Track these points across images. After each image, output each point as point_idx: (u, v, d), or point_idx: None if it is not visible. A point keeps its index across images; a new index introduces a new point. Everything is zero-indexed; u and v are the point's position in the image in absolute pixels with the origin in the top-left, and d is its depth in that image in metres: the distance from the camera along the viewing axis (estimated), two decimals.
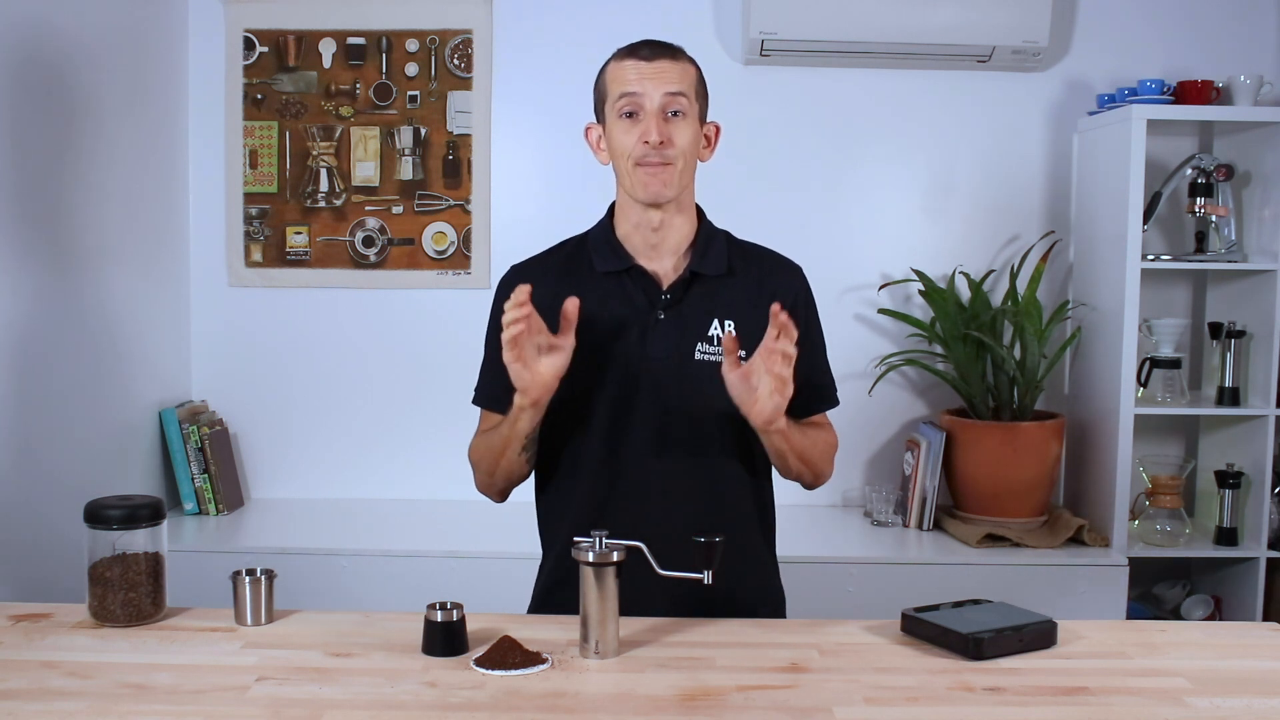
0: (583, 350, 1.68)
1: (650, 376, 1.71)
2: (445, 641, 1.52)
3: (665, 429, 1.71)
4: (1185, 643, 1.63)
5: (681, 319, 1.72)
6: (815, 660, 1.53)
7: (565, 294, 1.69)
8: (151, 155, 3.00)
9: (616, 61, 1.71)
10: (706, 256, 1.75)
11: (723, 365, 1.61)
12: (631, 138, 1.67)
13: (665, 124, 1.66)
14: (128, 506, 1.63)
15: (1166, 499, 3.03)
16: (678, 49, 1.72)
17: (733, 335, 1.65)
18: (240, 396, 3.26)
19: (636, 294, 1.73)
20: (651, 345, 1.71)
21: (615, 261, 1.75)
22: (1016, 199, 3.26)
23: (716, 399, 1.67)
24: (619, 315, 1.72)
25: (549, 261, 1.81)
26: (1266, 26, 3.23)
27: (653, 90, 1.66)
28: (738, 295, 1.74)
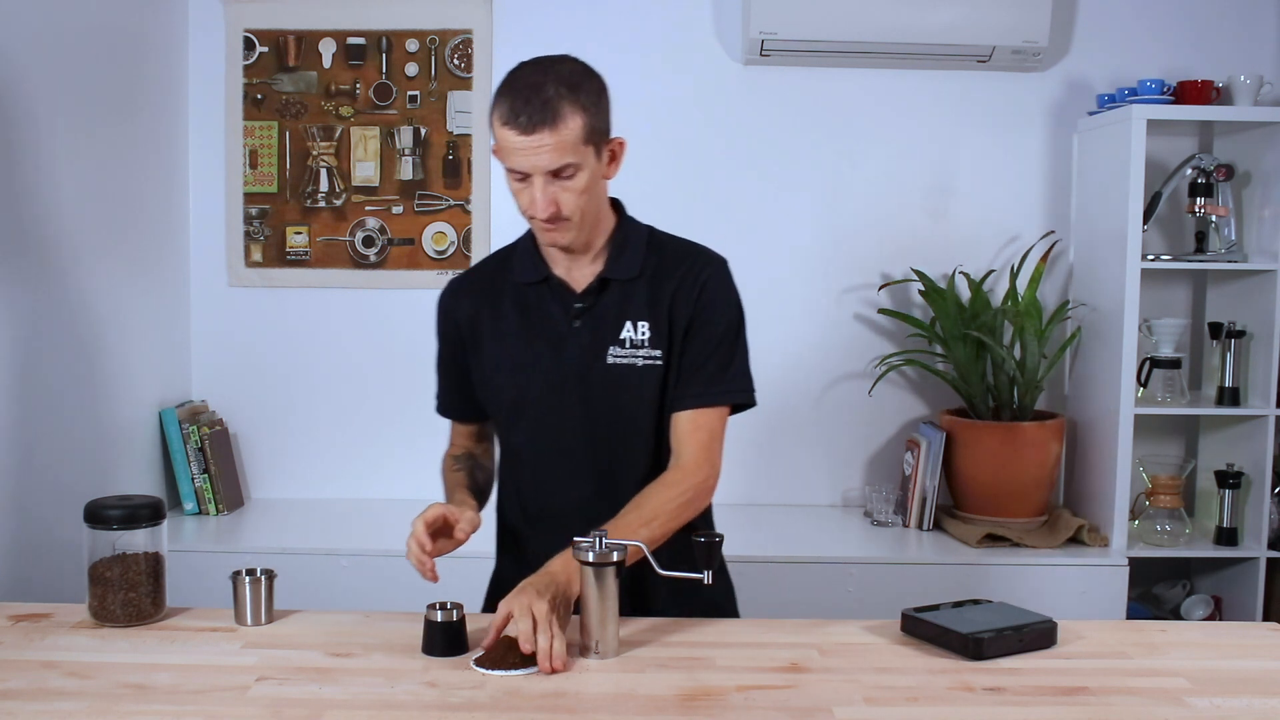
0: (506, 361, 1.76)
1: (566, 382, 1.73)
2: (445, 641, 1.52)
3: (586, 434, 1.74)
4: (1185, 643, 1.63)
5: (595, 324, 1.73)
6: (815, 660, 1.53)
7: (489, 306, 1.78)
8: (151, 155, 3.00)
9: (499, 122, 1.60)
10: (620, 260, 1.75)
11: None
12: (522, 200, 1.65)
13: (552, 186, 1.61)
14: (128, 506, 1.63)
15: (1166, 499, 3.03)
16: (557, 109, 1.57)
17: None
18: (240, 396, 3.26)
19: (553, 303, 1.75)
20: (567, 353, 1.73)
21: (533, 272, 1.76)
22: (1016, 199, 3.26)
23: (630, 401, 1.72)
24: (537, 325, 1.75)
25: (478, 275, 1.85)
26: (1266, 26, 3.23)
27: (535, 165, 1.60)
28: (649, 295, 1.74)
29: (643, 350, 1.72)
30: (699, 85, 3.22)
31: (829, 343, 3.26)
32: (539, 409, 1.75)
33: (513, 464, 1.82)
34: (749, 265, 3.27)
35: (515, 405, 1.76)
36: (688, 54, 3.22)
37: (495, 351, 1.77)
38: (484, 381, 1.80)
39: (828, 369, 3.27)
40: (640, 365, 1.72)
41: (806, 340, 3.25)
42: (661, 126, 3.22)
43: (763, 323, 3.38)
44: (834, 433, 3.29)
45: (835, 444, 3.30)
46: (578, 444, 1.74)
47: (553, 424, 1.75)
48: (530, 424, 1.76)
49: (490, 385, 1.79)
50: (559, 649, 1.46)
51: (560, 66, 1.62)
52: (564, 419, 1.74)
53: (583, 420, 1.73)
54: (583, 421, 1.74)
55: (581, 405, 1.73)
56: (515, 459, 1.81)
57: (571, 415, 1.74)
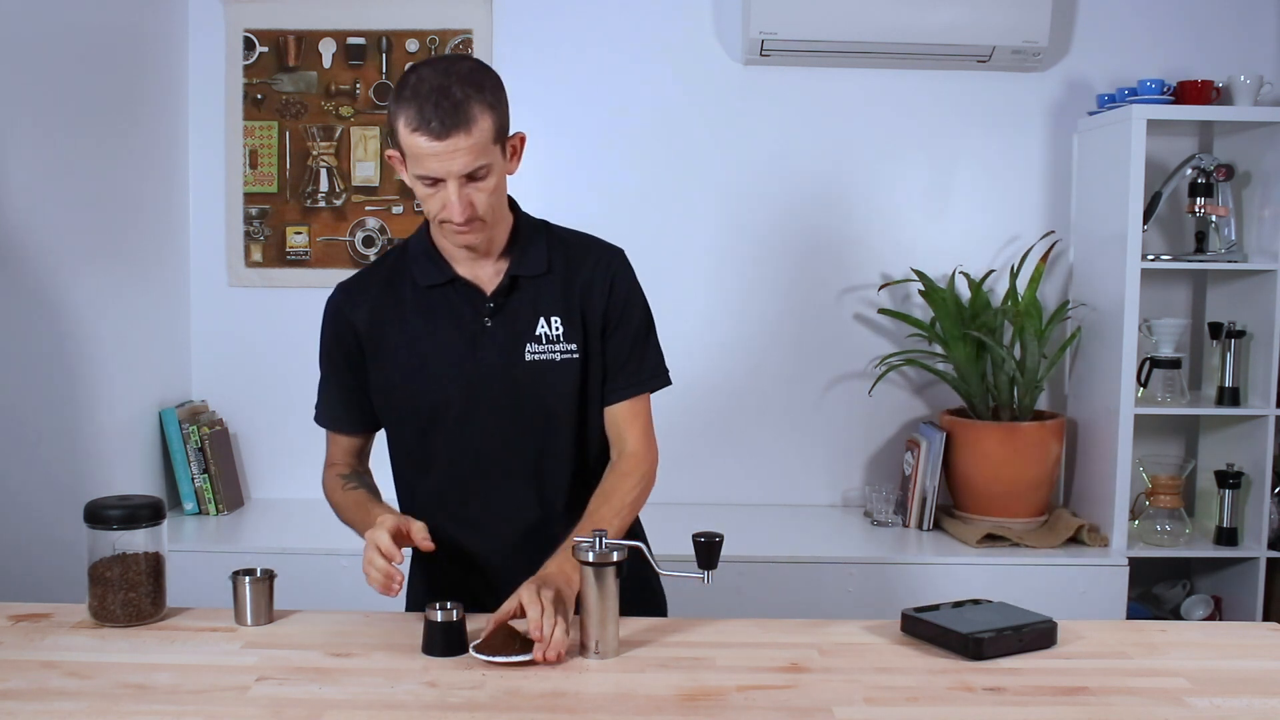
0: (416, 364, 1.73)
1: (485, 382, 1.71)
2: (445, 641, 1.52)
3: (505, 431, 1.73)
4: (1185, 643, 1.63)
5: (508, 322, 1.72)
6: (815, 660, 1.53)
7: (390, 309, 1.74)
8: (151, 155, 3.00)
9: (407, 130, 1.57)
10: (525, 258, 1.74)
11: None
12: (434, 205, 1.62)
13: (466, 188, 1.60)
14: (128, 506, 1.63)
15: (1166, 499, 3.03)
16: (468, 111, 1.56)
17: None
18: (240, 396, 3.26)
19: (462, 305, 1.73)
20: (482, 353, 1.71)
21: (436, 274, 1.74)
22: (1016, 199, 3.26)
23: (550, 396, 1.73)
24: (447, 327, 1.73)
25: (373, 279, 1.80)
26: (1266, 26, 3.23)
27: (449, 170, 1.58)
28: (560, 290, 1.74)
29: (559, 345, 1.72)
30: (699, 85, 3.22)
31: (829, 343, 3.26)
32: (458, 411, 1.72)
33: (423, 470, 1.78)
34: (749, 265, 3.29)
35: (432, 409, 1.73)
36: (688, 54, 3.22)
37: (404, 357, 1.73)
38: (390, 389, 1.75)
39: (828, 369, 3.27)
40: (559, 360, 1.72)
41: (806, 340, 3.25)
42: (661, 126, 3.22)
43: (763, 322, 3.40)
44: (834, 433, 3.29)
45: (835, 444, 3.30)
46: (502, 442, 1.73)
47: (475, 425, 1.72)
48: (450, 427, 1.73)
49: (399, 392, 1.75)
50: (559, 637, 1.47)
51: (459, 66, 1.61)
52: (486, 419, 1.72)
53: (507, 418, 1.72)
54: (507, 419, 1.72)
55: (504, 403, 1.72)
56: (427, 464, 1.77)
57: (494, 414, 1.72)
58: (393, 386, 1.75)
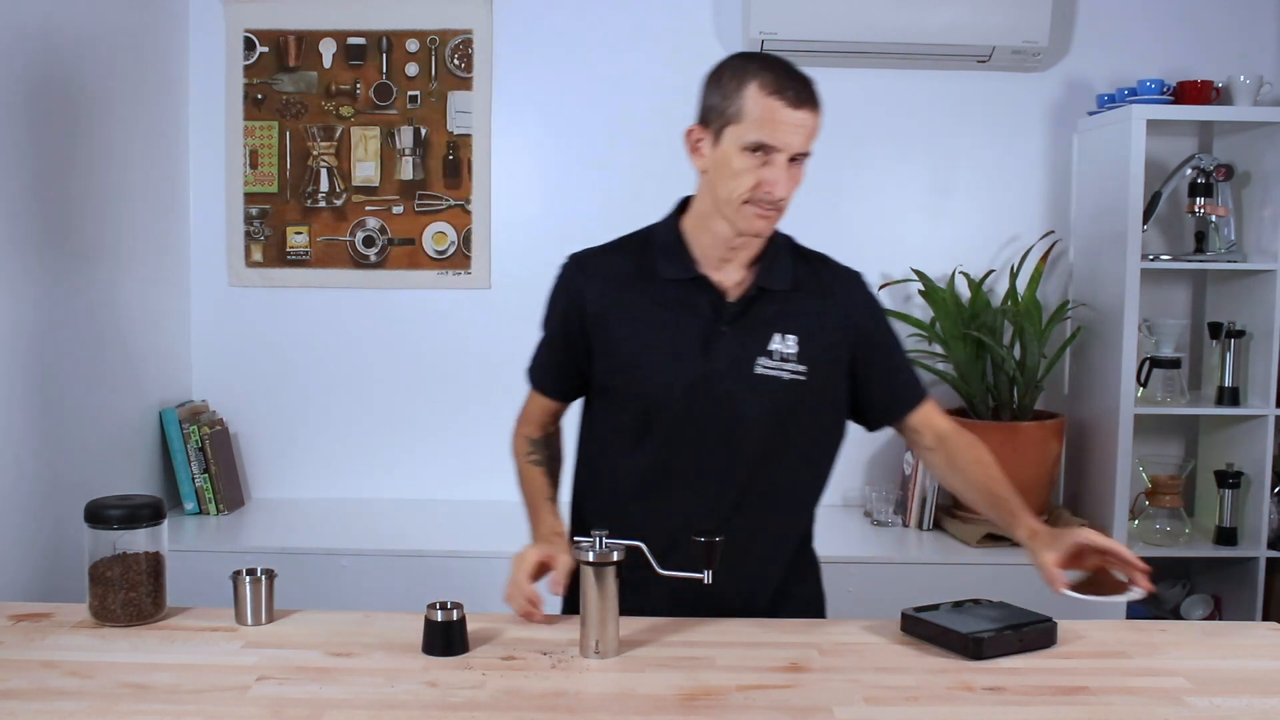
0: (644, 356, 1.70)
1: (710, 387, 1.69)
2: (445, 641, 1.52)
3: (721, 439, 1.70)
4: (1185, 643, 1.63)
5: (744, 332, 1.70)
6: (815, 660, 1.53)
7: (625, 294, 1.72)
8: (152, 155, 3.00)
9: (764, 95, 1.60)
10: (773, 270, 1.73)
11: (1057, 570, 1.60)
12: (752, 178, 1.61)
13: (789, 171, 1.63)
14: (128, 506, 1.63)
15: (1166, 499, 3.03)
16: (814, 93, 1.65)
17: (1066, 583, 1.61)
18: (240, 396, 3.26)
19: (701, 304, 1.70)
20: (714, 357, 1.69)
21: (681, 270, 1.71)
22: (1016, 199, 3.26)
23: (769, 412, 1.69)
24: (683, 324, 1.70)
25: (612, 258, 1.77)
26: (1266, 26, 3.23)
27: (792, 145, 1.61)
28: (801, 309, 1.73)
29: (789, 364, 1.70)
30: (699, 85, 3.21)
31: None
32: (676, 410, 1.69)
33: (627, 454, 1.75)
34: None
35: (650, 402, 1.71)
36: (688, 54, 3.21)
37: (632, 345, 1.71)
38: (611, 372, 1.74)
39: None
40: (786, 378, 1.69)
41: None
42: (661, 126, 3.21)
43: None
44: None
45: None
46: (711, 448, 1.70)
47: (688, 426, 1.70)
48: (664, 422, 1.71)
49: (620, 377, 1.73)
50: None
51: None
52: (701, 423, 1.69)
53: (722, 426, 1.69)
54: (722, 427, 1.69)
55: (722, 411, 1.69)
56: (633, 451, 1.74)
57: (710, 420, 1.69)
58: (615, 370, 1.74)
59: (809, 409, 1.73)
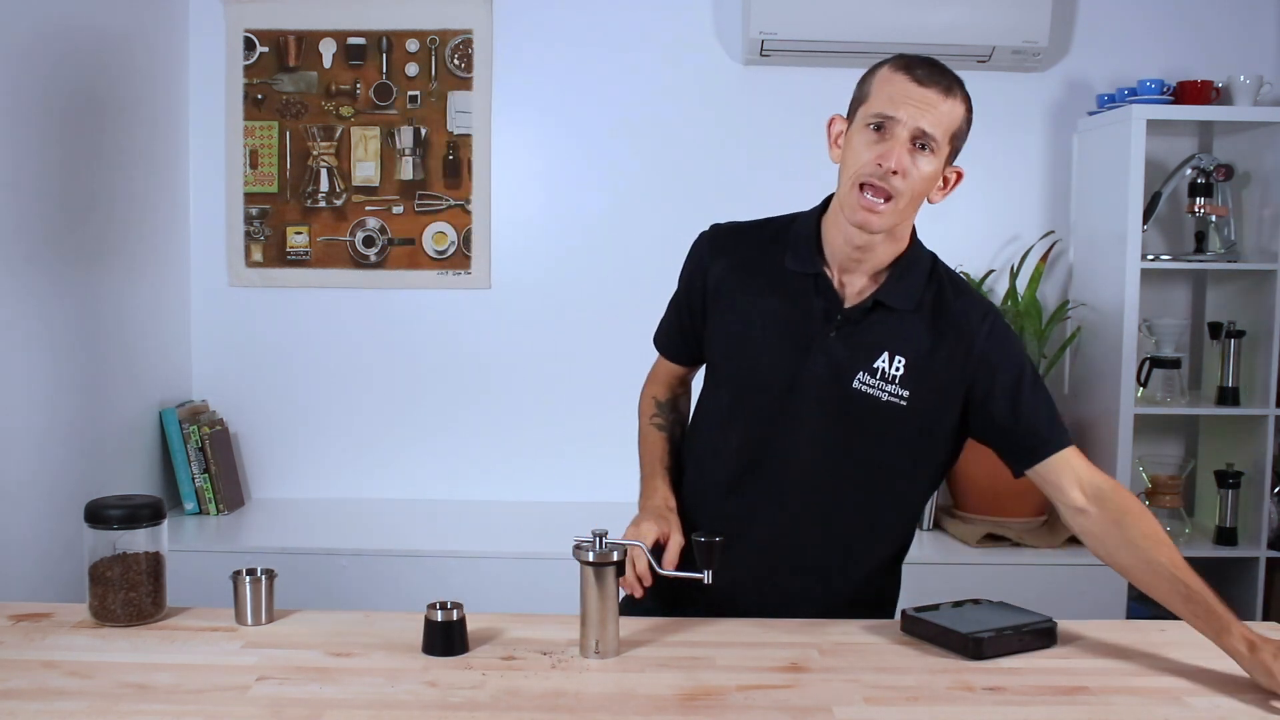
0: (749, 340, 1.69)
1: (803, 390, 1.65)
2: (445, 641, 1.52)
3: (802, 445, 1.67)
4: (1185, 643, 1.63)
5: (851, 343, 1.65)
6: (815, 660, 1.53)
7: (747, 276, 1.71)
8: (152, 155, 3.00)
9: (890, 70, 1.58)
10: (898, 286, 1.66)
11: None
12: (870, 154, 1.57)
13: (907, 154, 1.56)
14: (128, 506, 1.63)
15: (1166, 499, 3.03)
16: (954, 81, 1.58)
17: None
18: (240, 396, 3.26)
19: (816, 304, 1.66)
20: (814, 359, 1.65)
21: (806, 264, 1.68)
22: (1016, 199, 3.26)
23: (860, 431, 1.65)
24: (793, 319, 1.67)
25: (747, 238, 1.76)
26: (1266, 26, 3.23)
27: (909, 119, 1.55)
28: (918, 332, 1.65)
29: (890, 386, 1.63)
30: (699, 85, 3.22)
31: None
32: (766, 405, 1.67)
33: (718, 433, 1.74)
34: None
35: (744, 390, 1.69)
36: (688, 54, 3.22)
37: (738, 327, 1.69)
38: (715, 347, 1.74)
39: None
40: (884, 400, 1.63)
41: None
42: (661, 127, 3.22)
43: None
44: None
45: None
46: (796, 453, 1.67)
47: (776, 425, 1.66)
48: (753, 415, 1.68)
49: (721, 358, 1.73)
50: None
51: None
52: (790, 424, 1.66)
53: (808, 433, 1.65)
54: (808, 435, 1.65)
55: (811, 419, 1.65)
56: (724, 430, 1.72)
57: (798, 424, 1.65)
58: (718, 346, 1.73)
59: (901, 436, 1.66)
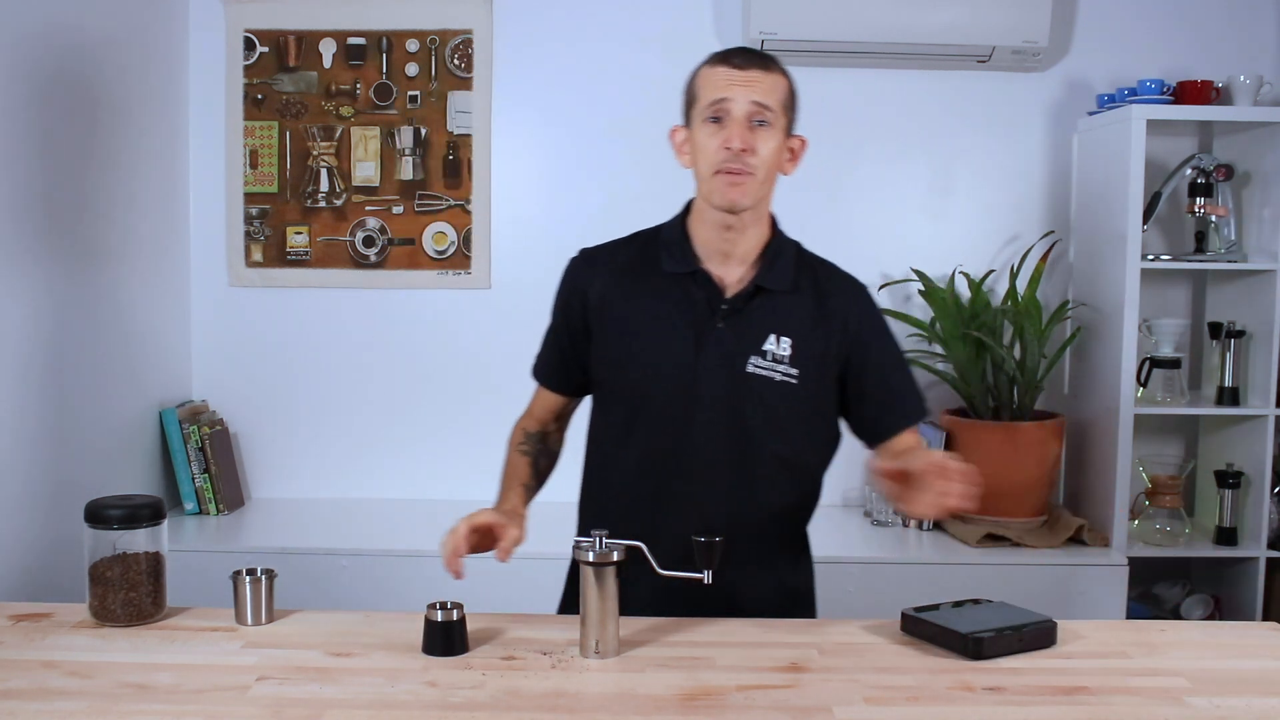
0: (639, 347, 1.72)
1: (700, 382, 1.70)
2: (445, 641, 1.52)
3: (705, 435, 1.71)
4: (1185, 643, 1.63)
5: (738, 330, 1.71)
6: (815, 660, 1.53)
7: (626, 288, 1.75)
8: (152, 155, 3.00)
9: (709, 67, 1.70)
10: (773, 269, 1.74)
11: (879, 471, 1.58)
12: (714, 142, 1.66)
13: (749, 132, 1.65)
14: (128, 506, 1.63)
15: (1166, 499, 3.03)
16: (771, 60, 1.70)
17: (895, 469, 1.58)
18: (240, 396, 3.26)
19: (698, 299, 1.72)
20: (706, 352, 1.70)
21: (682, 263, 1.74)
22: (1016, 199, 3.26)
23: (757, 413, 1.70)
24: (678, 318, 1.72)
25: (617, 253, 1.81)
26: (1266, 26, 3.23)
27: (740, 97, 1.65)
28: (798, 312, 1.73)
29: (781, 366, 1.71)
30: None
31: None
32: (665, 402, 1.71)
33: (620, 449, 1.77)
34: None
35: (642, 394, 1.73)
36: (688, 54, 3.18)
37: (626, 338, 1.74)
38: (607, 363, 1.76)
39: None
40: (777, 380, 1.70)
41: None
42: (661, 127, 3.20)
43: None
44: None
45: None
46: (700, 444, 1.71)
47: (678, 421, 1.71)
48: (655, 416, 1.72)
49: (615, 369, 1.75)
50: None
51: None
52: (691, 418, 1.71)
53: (710, 423, 1.70)
54: (710, 424, 1.70)
55: (712, 408, 1.70)
56: (625, 445, 1.76)
57: (699, 416, 1.70)
58: (610, 362, 1.76)
59: (798, 413, 1.73)
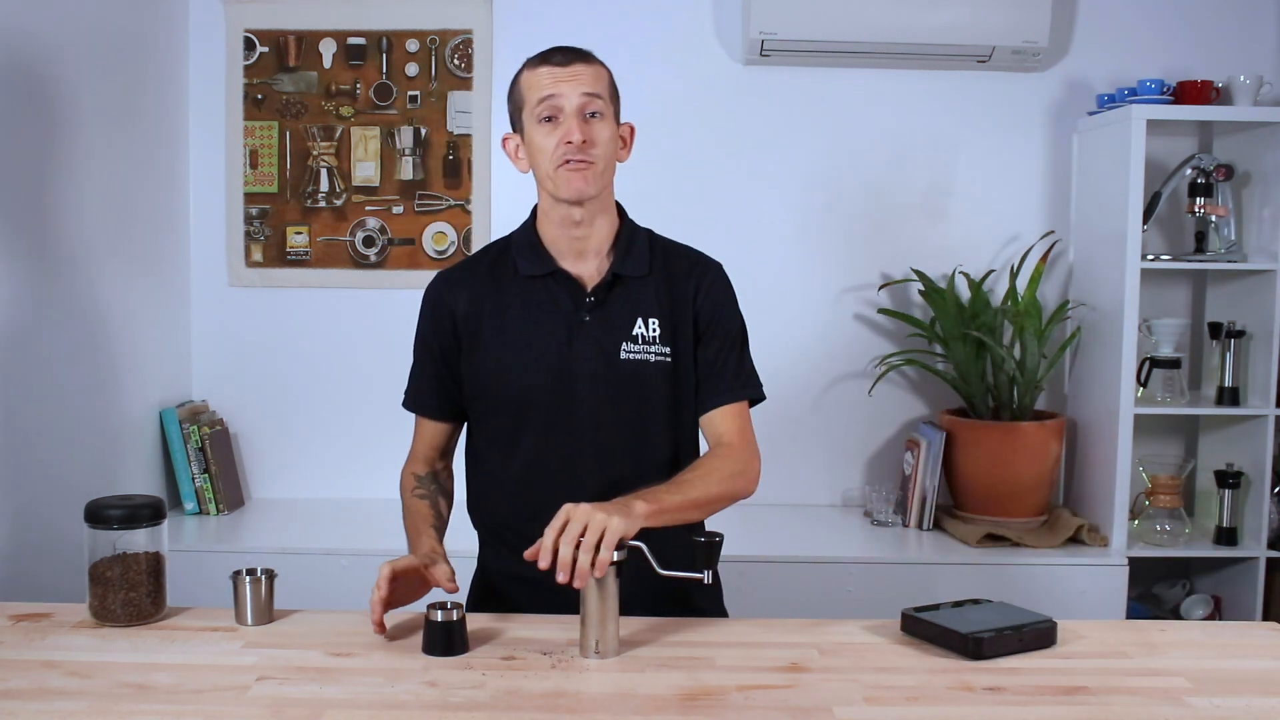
0: (511, 353, 1.75)
1: (579, 377, 1.73)
2: (445, 641, 1.52)
3: (593, 428, 1.74)
4: (1185, 643, 1.63)
5: (606, 319, 1.75)
6: (815, 660, 1.53)
7: (490, 299, 1.77)
8: (152, 155, 3.00)
9: (530, 69, 1.72)
10: (628, 257, 1.78)
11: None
12: (552, 140, 1.69)
13: (585, 124, 1.69)
14: (128, 506, 1.63)
15: (1166, 499, 3.03)
16: (589, 53, 1.74)
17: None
18: (240, 396, 3.26)
19: (561, 297, 1.76)
20: (578, 346, 1.74)
21: (539, 265, 1.77)
22: (1016, 199, 3.26)
23: (641, 397, 1.74)
24: (545, 318, 1.75)
25: (475, 268, 1.83)
26: (1266, 26, 3.23)
27: (570, 92, 1.68)
28: (658, 294, 1.77)
29: (654, 347, 1.75)
30: (699, 85, 3.22)
31: (829, 343, 3.26)
32: (548, 402, 1.74)
33: (508, 459, 1.79)
34: (749, 265, 3.29)
35: (523, 398, 1.75)
36: (688, 54, 3.22)
37: (499, 345, 1.76)
38: (483, 376, 1.77)
39: (828, 369, 3.27)
40: (653, 361, 1.74)
41: (806, 340, 3.25)
42: (661, 126, 3.22)
43: (763, 323, 3.37)
44: (834, 433, 3.29)
45: (835, 444, 3.30)
46: (589, 438, 1.74)
47: (564, 418, 1.74)
48: (539, 418, 1.74)
49: (492, 379, 1.76)
50: (583, 564, 1.46)
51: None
52: (576, 413, 1.73)
53: (596, 415, 1.73)
54: (596, 416, 1.73)
55: (595, 399, 1.73)
56: (513, 454, 1.78)
57: (584, 409, 1.73)
58: (486, 373, 1.77)
59: (671, 392, 1.76)
